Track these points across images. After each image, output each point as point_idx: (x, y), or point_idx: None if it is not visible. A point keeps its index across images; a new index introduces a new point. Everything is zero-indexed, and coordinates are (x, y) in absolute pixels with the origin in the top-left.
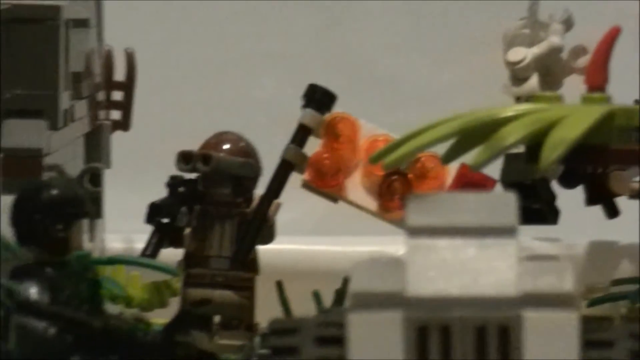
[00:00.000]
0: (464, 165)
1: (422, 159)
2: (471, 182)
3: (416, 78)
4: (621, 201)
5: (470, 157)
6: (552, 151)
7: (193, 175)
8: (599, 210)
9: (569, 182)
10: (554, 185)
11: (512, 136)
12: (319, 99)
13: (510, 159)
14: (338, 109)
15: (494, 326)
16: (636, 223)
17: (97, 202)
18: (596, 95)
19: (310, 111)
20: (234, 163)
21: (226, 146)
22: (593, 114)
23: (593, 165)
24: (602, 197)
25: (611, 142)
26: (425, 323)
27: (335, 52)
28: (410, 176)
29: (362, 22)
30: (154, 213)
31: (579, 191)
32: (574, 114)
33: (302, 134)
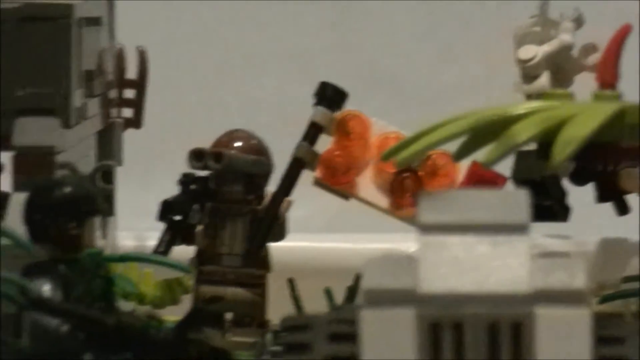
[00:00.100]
0: (475, 162)
1: (434, 157)
2: (482, 179)
3: (420, 77)
4: (632, 198)
5: (482, 154)
6: (564, 149)
7: (205, 173)
8: (609, 208)
9: (579, 180)
10: (565, 182)
11: (523, 134)
12: (331, 96)
13: (521, 157)
14: (348, 107)
15: (507, 323)
16: None
17: (110, 199)
18: (607, 92)
19: (321, 109)
20: (245, 161)
21: (238, 144)
22: (604, 111)
23: (604, 163)
24: (613, 194)
25: (622, 139)
26: (438, 320)
27: (342, 51)
28: (422, 173)
29: (367, 20)
30: (166, 210)
31: (590, 188)
32: (584, 112)
33: (313, 131)
